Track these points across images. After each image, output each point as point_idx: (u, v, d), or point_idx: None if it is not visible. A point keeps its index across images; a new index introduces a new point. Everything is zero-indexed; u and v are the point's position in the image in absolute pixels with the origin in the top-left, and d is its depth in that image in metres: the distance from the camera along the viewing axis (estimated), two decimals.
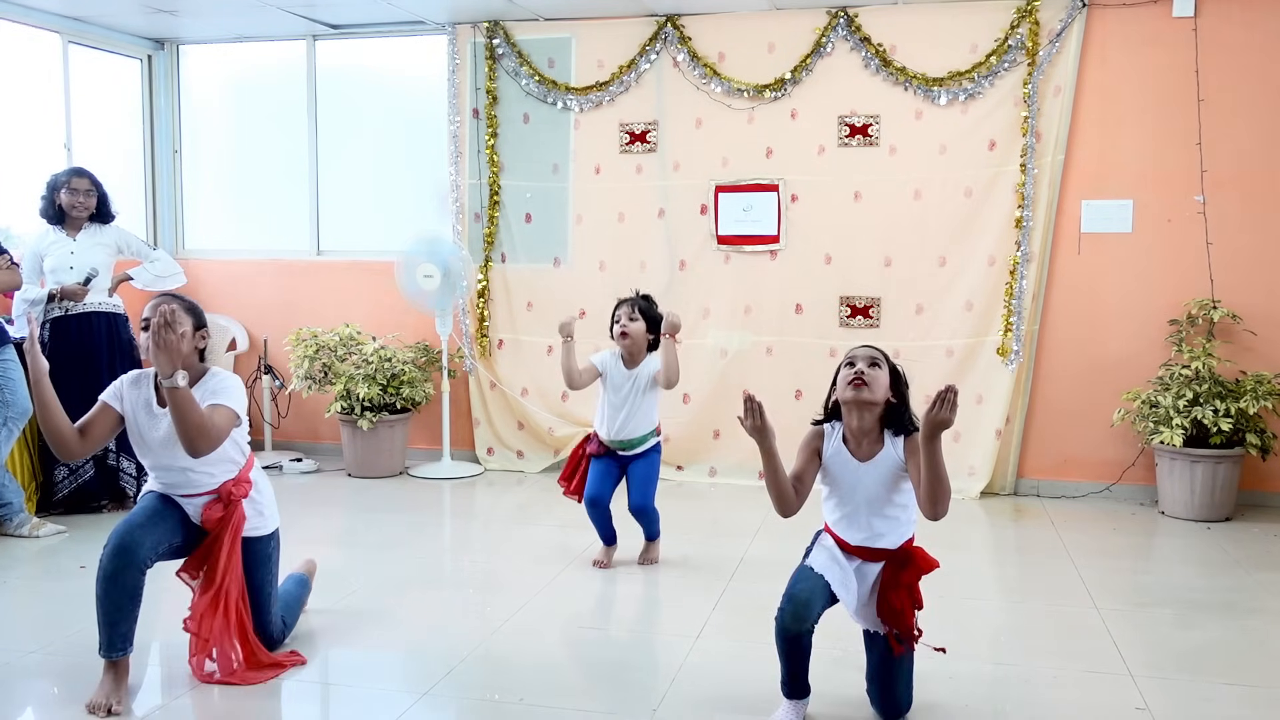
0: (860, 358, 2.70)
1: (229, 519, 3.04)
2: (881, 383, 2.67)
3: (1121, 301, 5.40)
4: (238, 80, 6.71)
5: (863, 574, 2.70)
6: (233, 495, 3.06)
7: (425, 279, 5.73)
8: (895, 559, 2.70)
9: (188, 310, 3.06)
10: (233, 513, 3.05)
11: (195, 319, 3.09)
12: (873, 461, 2.69)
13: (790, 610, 2.62)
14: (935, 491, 2.58)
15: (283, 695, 3.01)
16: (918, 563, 2.71)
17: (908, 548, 2.73)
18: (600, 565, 4.15)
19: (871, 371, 2.66)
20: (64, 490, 4.92)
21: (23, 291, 4.85)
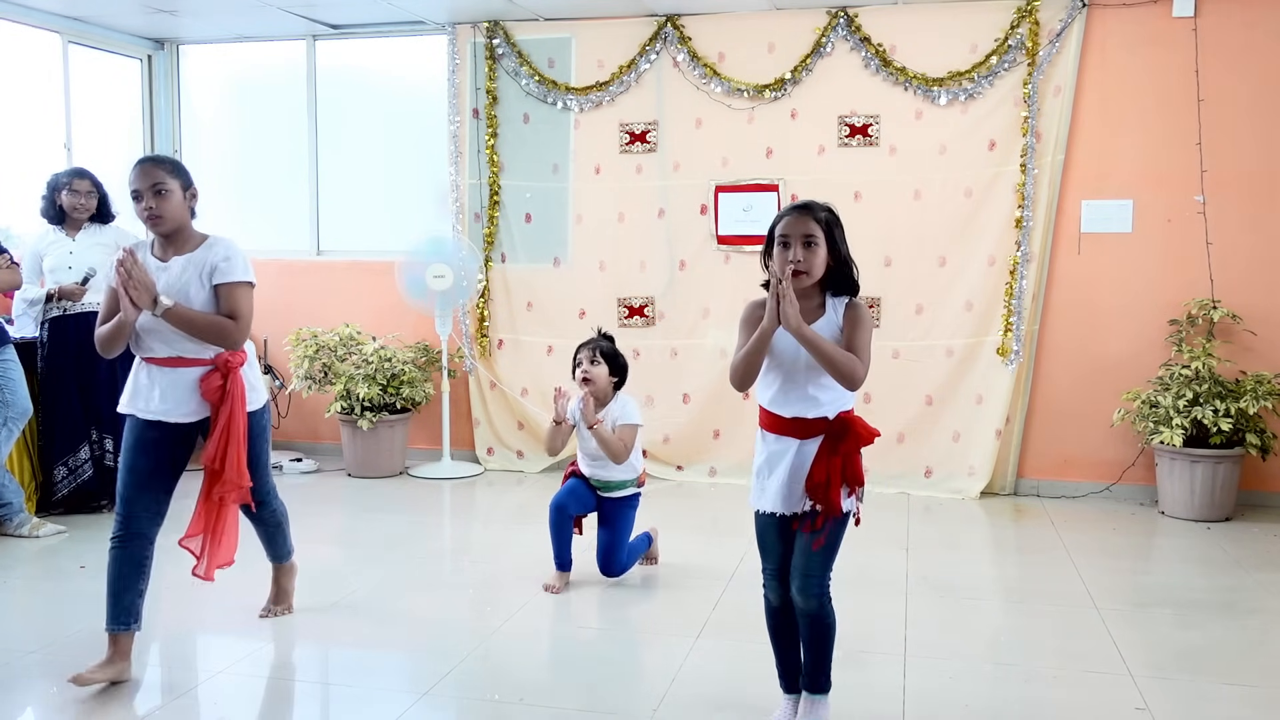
0: (795, 236, 2.55)
1: (230, 390, 3.03)
2: (819, 259, 2.55)
3: (1121, 301, 5.40)
4: (238, 80, 6.71)
5: (801, 454, 2.56)
6: (229, 364, 3.04)
7: (436, 279, 5.73)
8: (833, 431, 2.55)
9: (172, 171, 3.03)
10: (233, 383, 3.04)
11: (181, 179, 3.05)
12: (813, 326, 2.55)
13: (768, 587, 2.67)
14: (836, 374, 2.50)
15: (283, 695, 3.01)
16: (856, 430, 2.56)
17: (845, 417, 2.57)
18: (551, 590, 3.93)
19: (808, 254, 2.54)
20: (64, 490, 4.92)
21: (22, 291, 4.85)
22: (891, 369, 5.60)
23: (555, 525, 4.00)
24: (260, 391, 3.24)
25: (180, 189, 3.04)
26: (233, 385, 3.04)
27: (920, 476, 5.59)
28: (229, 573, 4.16)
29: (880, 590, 3.90)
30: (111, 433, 4.97)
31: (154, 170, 3.00)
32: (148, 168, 3.01)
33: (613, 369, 3.96)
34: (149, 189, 2.98)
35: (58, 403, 4.89)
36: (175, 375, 3.06)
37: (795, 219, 2.57)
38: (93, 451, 4.96)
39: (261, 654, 3.28)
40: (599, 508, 4.05)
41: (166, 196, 3.00)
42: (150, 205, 2.98)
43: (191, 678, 3.14)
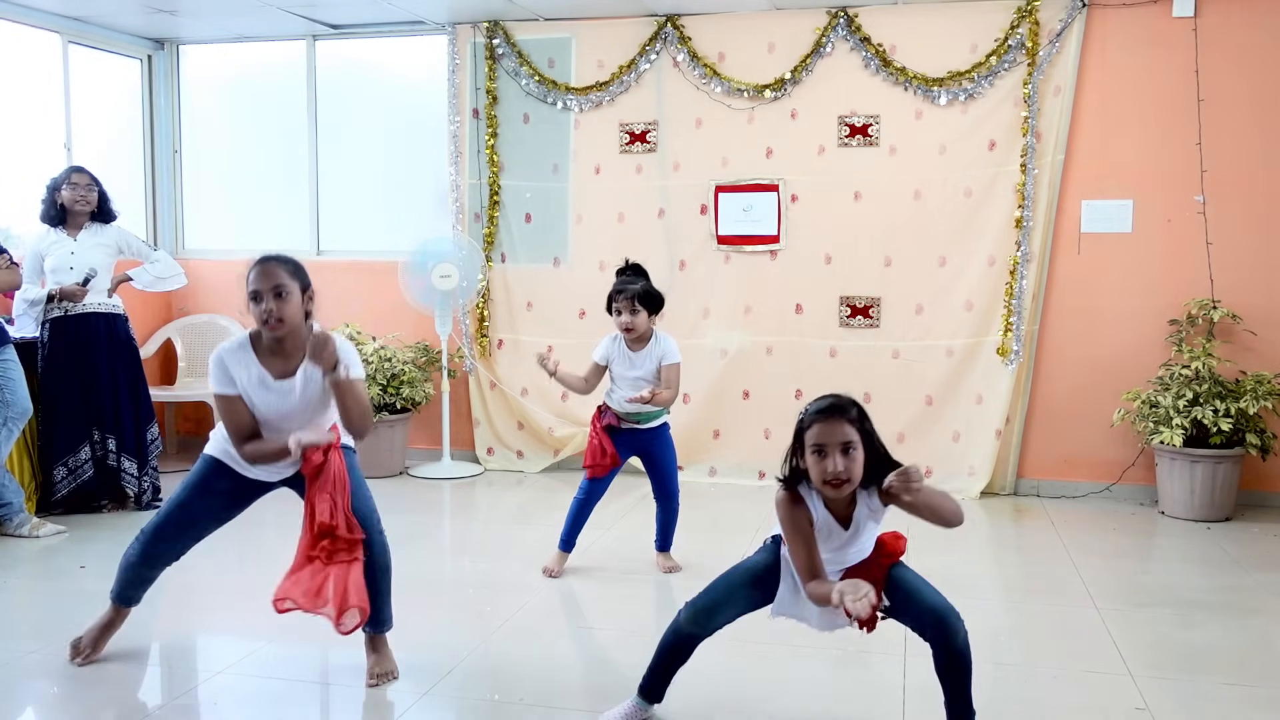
0: (831, 445, 2.37)
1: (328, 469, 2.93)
2: (858, 465, 2.39)
3: (1121, 301, 5.40)
4: (238, 80, 6.71)
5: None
6: (333, 444, 2.95)
7: (442, 279, 5.73)
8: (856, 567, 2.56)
9: (293, 273, 2.92)
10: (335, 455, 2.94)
11: (301, 281, 2.95)
12: (854, 523, 2.51)
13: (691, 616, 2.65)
14: (942, 521, 2.43)
15: (283, 695, 3.01)
16: (885, 551, 2.54)
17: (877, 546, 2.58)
18: (550, 574, 4.03)
19: (846, 462, 2.38)
20: (64, 490, 4.92)
21: (23, 291, 4.85)
22: (891, 369, 5.61)
23: (579, 508, 4.04)
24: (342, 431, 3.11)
25: (300, 291, 2.93)
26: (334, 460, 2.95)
27: None
28: (229, 573, 4.17)
29: None
30: (113, 433, 4.97)
31: (276, 270, 2.89)
32: (270, 268, 2.89)
33: (650, 309, 3.93)
34: (269, 290, 2.86)
35: (58, 403, 4.88)
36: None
37: (830, 423, 2.39)
38: (94, 451, 4.96)
39: (261, 654, 3.28)
40: (641, 446, 4.02)
41: (286, 299, 2.88)
42: (270, 308, 2.85)
43: (191, 678, 3.14)
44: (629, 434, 3.99)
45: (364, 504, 3.03)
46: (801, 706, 2.94)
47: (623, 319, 3.89)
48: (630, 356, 3.95)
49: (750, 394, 5.82)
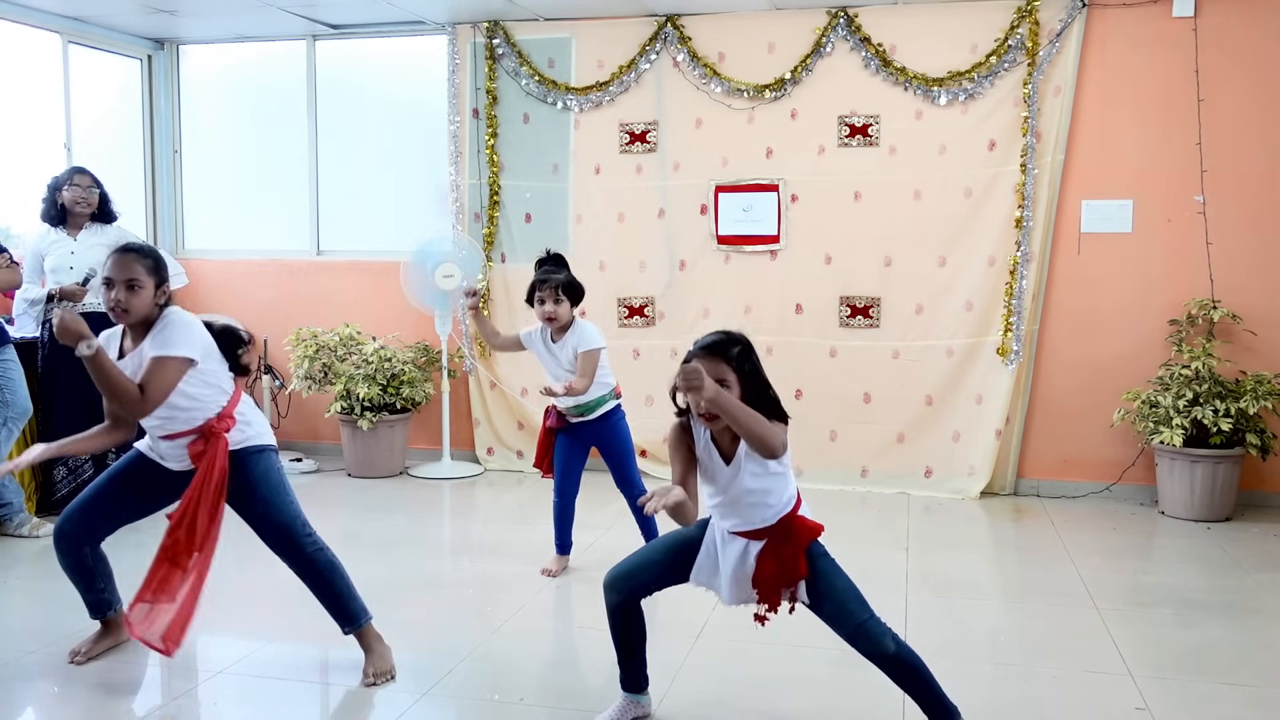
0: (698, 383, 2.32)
1: (210, 454, 2.97)
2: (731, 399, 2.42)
3: (1121, 301, 5.40)
4: (238, 80, 6.71)
5: (747, 553, 2.60)
6: (214, 429, 2.99)
7: (445, 279, 5.73)
8: (776, 533, 2.58)
9: (152, 270, 2.97)
10: (215, 445, 2.97)
11: (158, 278, 3.00)
12: (736, 460, 2.55)
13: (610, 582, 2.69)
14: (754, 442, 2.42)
15: (283, 695, 3.01)
16: (797, 535, 2.57)
17: (788, 519, 2.58)
18: (549, 574, 4.07)
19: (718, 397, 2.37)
20: (64, 490, 4.92)
21: (23, 291, 4.86)
22: (891, 369, 5.61)
23: (559, 510, 4.06)
24: (256, 433, 3.10)
25: (154, 287, 2.98)
26: (212, 448, 2.97)
27: (920, 476, 5.59)
28: (228, 573, 4.16)
29: (880, 590, 3.87)
30: None
31: (131, 263, 2.94)
32: (126, 260, 2.94)
33: (573, 300, 3.94)
34: (122, 282, 2.93)
35: (58, 403, 4.88)
36: (173, 445, 3.05)
37: (704, 363, 2.45)
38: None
39: (261, 654, 3.28)
40: (591, 439, 4.01)
41: (137, 292, 2.94)
42: (119, 298, 2.94)
43: (191, 678, 3.14)
44: (578, 428, 3.99)
45: (283, 513, 3.04)
46: (801, 706, 2.94)
47: (545, 308, 3.88)
48: (550, 347, 3.96)
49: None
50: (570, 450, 4.03)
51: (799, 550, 2.56)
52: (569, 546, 4.15)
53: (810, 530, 2.59)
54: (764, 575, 2.57)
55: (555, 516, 4.11)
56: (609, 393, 3.99)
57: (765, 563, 2.57)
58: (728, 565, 2.62)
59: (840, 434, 5.65)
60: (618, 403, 4.04)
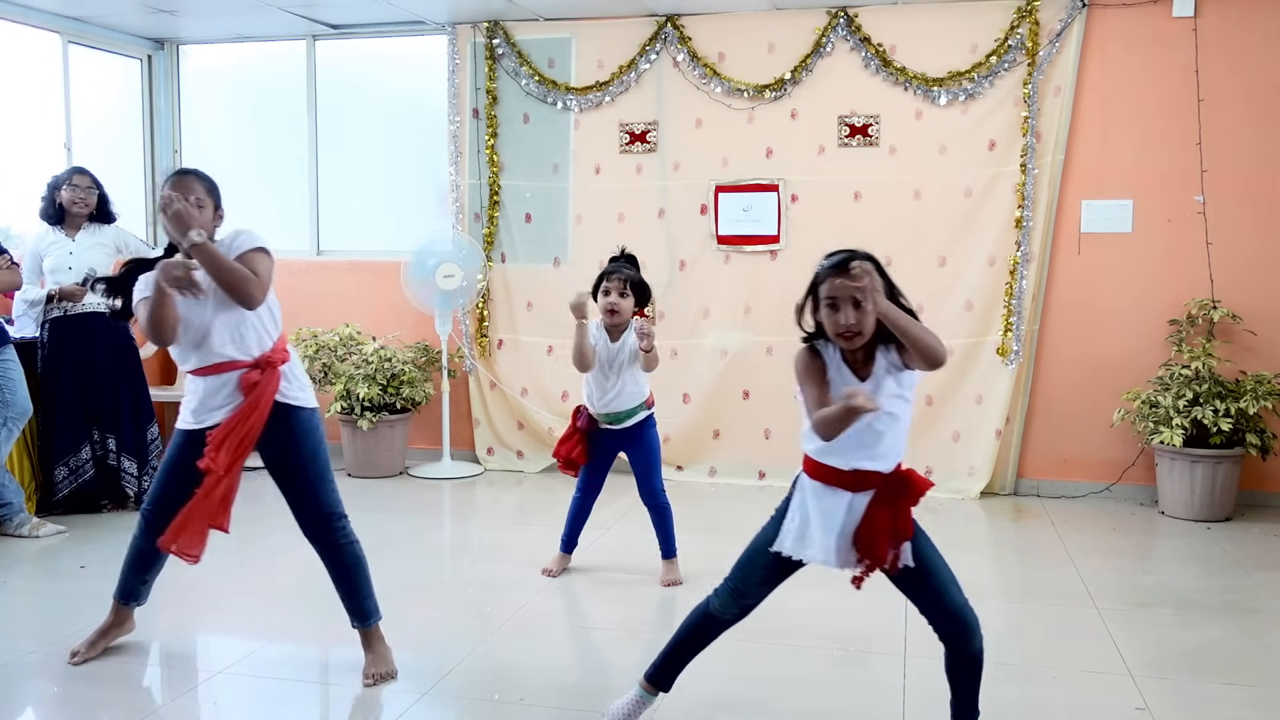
0: (843, 299, 2.37)
1: (265, 382, 2.97)
2: (870, 318, 2.37)
3: (1121, 301, 5.40)
4: (238, 80, 6.71)
5: (852, 508, 2.46)
6: (271, 360, 3.00)
7: (446, 279, 5.73)
8: (889, 485, 2.45)
9: (209, 191, 3.03)
10: (270, 377, 2.98)
11: (215, 199, 3.05)
12: (874, 378, 2.43)
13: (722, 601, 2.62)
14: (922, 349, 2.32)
15: (283, 695, 3.01)
16: (914, 486, 2.45)
17: (903, 472, 2.47)
18: (549, 574, 4.06)
19: (858, 315, 2.36)
20: (64, 490, 4.92)
21: (23, 292, 4.85)
22: None
23: (577, 506, 4.04)
24: (310, 392, 3.15)
25: (212, 208, 3.03)
26: (266, 379, 2.97)
27: None
28: (228, 573, 4.17)
29: (880, 590, 3.88)
30: (114, 432, 4.97)
31: (192, 183, 2.99)
32: (186, 179, 2.99)
33: (638, 298, 3.90)
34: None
35: (58, 403, 4.89)
36: (214, 382, 2.99)
37: (842, 277, 2.39)
38: (94, 451, 4.96)
39: (261, 654, 3.28)
40: (622, 445, 3.98)
41: (201, 211, 2.97)
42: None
43: (191, 678, 3.14)
44: (607, 434, 3.97)
45: (322, 499, 3.06)
46: (801, 706, 2.94)
47: (610, 299, 3.82)
48: (606, 343, 3.88)
49: (750, 394, 5.82)
50: (602, 452, 3.99)
51: (912, 504, 2.44)
52: (574, 546, 4.13)
53: (923, 484, 2.46)
54: (877, 527, 2.41)
55: (571, 512, 4.07)
56: (642, 402, 3.96)
57: (878, 513, 2.42)
58: (833, 523, 2.47)
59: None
60: (650, 412, 4.02)
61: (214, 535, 3.22)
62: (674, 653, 2.71)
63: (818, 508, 2.50)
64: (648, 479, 3.98)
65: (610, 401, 3.89)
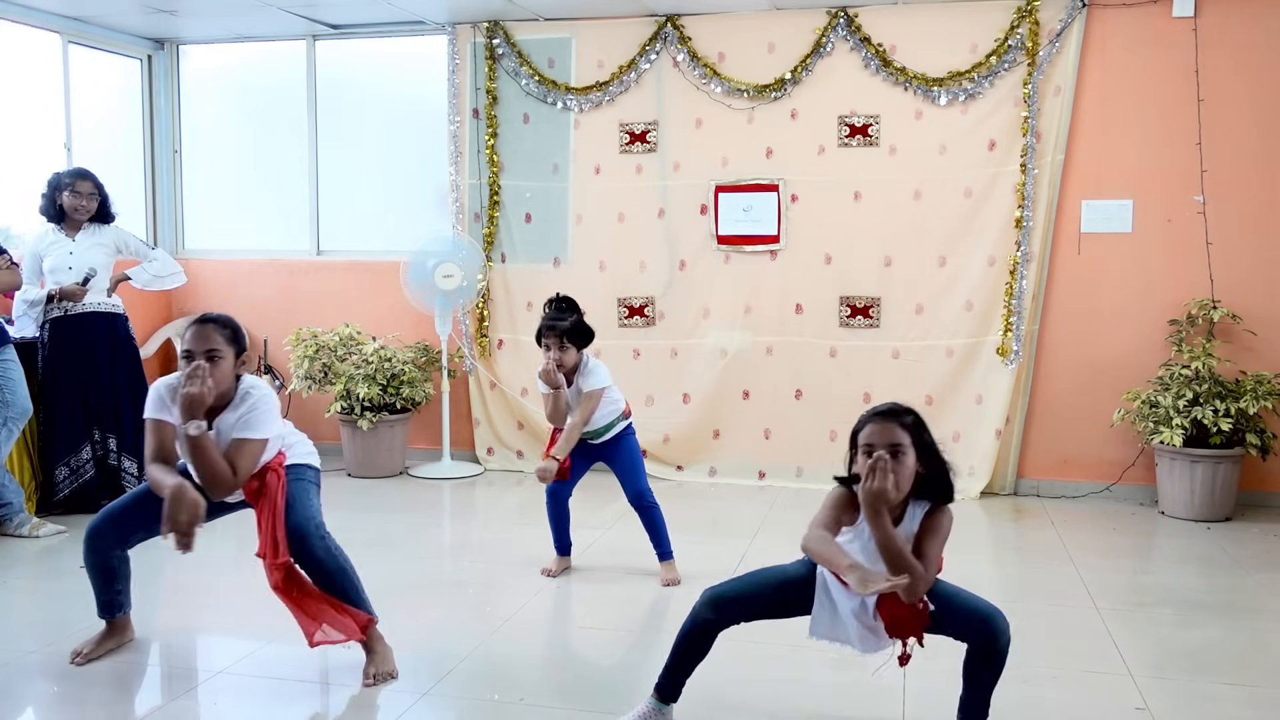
0: (879, 445, 2.38)
1: (267, 490, 2.99)
2: (907, 472, 2.41)
3: (1121, 301, 5.40)
4: (238, 80, 6.71)
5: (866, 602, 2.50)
6: (268, 467, 3.02)
7: (445, 279, 5.73)
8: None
9: (231, 340, 2.98)
10: (271, 482, 3.00)
11: (237, 347, 3.00)
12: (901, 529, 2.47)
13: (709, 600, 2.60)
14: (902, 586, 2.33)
15: (283, 695, 3.01)
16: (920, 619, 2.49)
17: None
18: (549, 574, 4.07)
19: (895, 465, 2.38)
20: (64, 490, 4.92)
21: (22, 292, 4.85)
22: (891, 369, 5.61)
23: (552, 511, 4.06)
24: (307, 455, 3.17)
25: (234, 357, 2.97)
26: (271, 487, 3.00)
27: None
28: (228, 573, 4.17)
29: None
30: (114, 432, 4.97)
31: (212, 334, 2.93)
32: (206, 330, 2.93)
33: (580, 344, 3.92)
34: (203, 353, 2.91)
35: (58, 403, 4.89)
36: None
37: (883, 426, 2.42)
38: (95, 451, 4.96)
39: (261, 654, 3.28)
40: (600, 455, 4.02)
41: (218, 363, 2.92)
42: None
43: (191, 678, 3.14)
44: (585, 447, 4.01)
45: (299, 514, 3.03)
46: (801, 706, 2.94)
47: (551, 354, 3.87)
48: (565, 389, 3.94)
49: (750, 394, 5.82)
50: (577, 462, 4.02)
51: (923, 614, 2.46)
52: (568, 547, 4.15)
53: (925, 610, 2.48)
54: (891, 611, 2.45)
55: (550, 518, 4.10)
56: (618, 415, 4.01)
57: (892, 606, 2.45)
58: (848, 614, 2.51)
59: (840, 434, 5.60)
60: (628, 422, 4.05)
61: (215, 536, 3.23)
62: (675, 663, 2.71)
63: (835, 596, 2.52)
64: (634, 482, 3.99)
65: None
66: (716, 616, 2.61)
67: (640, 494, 3.99)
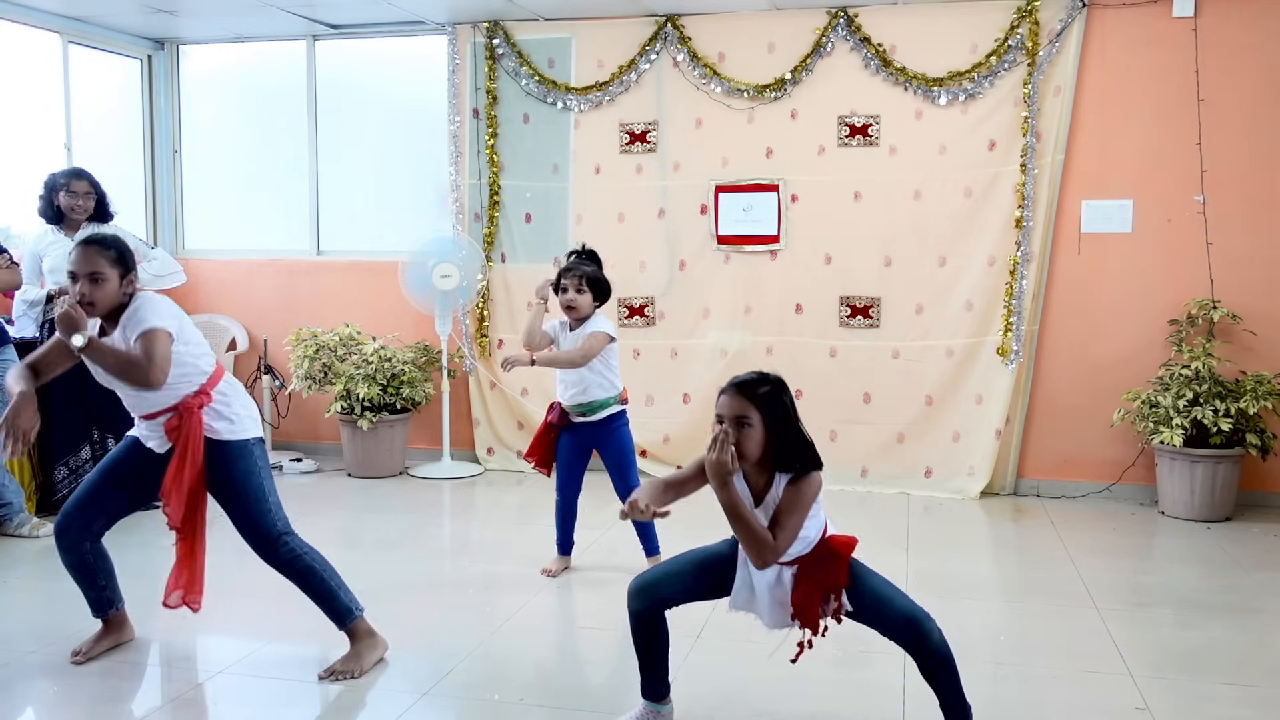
0: (727, 416, 2.46)
1: (185, 429, 2.98)
2: (752, 442, 2.45)
3: (1121, 301, 5.40)
4: (238, 80, 6.71)
5: (781, 575, 2.56)
6: (189, 406, 3.00)
7: (443, 279, 5.73)
8: (809, 559, 2.55)
9: (115, 261, 2.96)
10: (189, 421, 2.98)
11: (123, 268, 2.99)
12: (764, 504, 2.53)
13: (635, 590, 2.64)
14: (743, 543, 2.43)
15: (283, 695, 3.01)
16: (830, 564, 2.53)
17: (820, 545, 2.56)
18: (549, 574, 4.06)
19: (742, 436, 2.45)
20: (64, 490, 4.92)
21: (22, 292, 4.86)
22: (891, 369, 5.61)
23: (561, 508, 4.06)
24: (241, 424, 3.11)
25: (119, 278, 2.97)
26: (186, 424, 2.99)
27: (920, 476, 5.59)
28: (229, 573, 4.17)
29: None
30: (113, 432, 4.97)
31: (94, 256, 2.93)
32: (89, 253, 2.93)
33: (596, 294, 3.94)
34: (85, 275, 2.92)
35: (58, 403, 4.88)
36: (152, 425, 3.06)
37: (729, 399, 2.48)
38: (94, 451, 4.96)
39: (261, 654, 3.28)
40: (593, 441, 4.01)
41: (102, 285, 2.93)
42: (84, 291, 2.92)
43: (191, 678, 3.14)
44: (578, 429, 3.98)
45: (259, 520, 3.06)
46: (801, 706, 2.94)
47: (567, 296, 3.89)
48: (566, 335, 3.95)
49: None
50: (572, 450, 4.03)
51: (839, 565, 2.51)
52: (570, 547, 4.15)
53: (844, 545, 2.54)
54: (802, 595, 2.50)
55: (558, 516, 4.11)
56: (615, 396, 3.98)
57: (801, 582, 2.51)
58: (763, 588, 2.56)
59: (840, 434, 5.64)
60: (623, 408, 4.03)
61: (214, 535, 3.23)
62: (641, 661, 2.71)
63: (754, 573, 2.58)
64: (624, 476, 4.00)
65: (577, 395, 3.93)
66: (645, 605, 2.64)
67: (630, 489, 3.98)
